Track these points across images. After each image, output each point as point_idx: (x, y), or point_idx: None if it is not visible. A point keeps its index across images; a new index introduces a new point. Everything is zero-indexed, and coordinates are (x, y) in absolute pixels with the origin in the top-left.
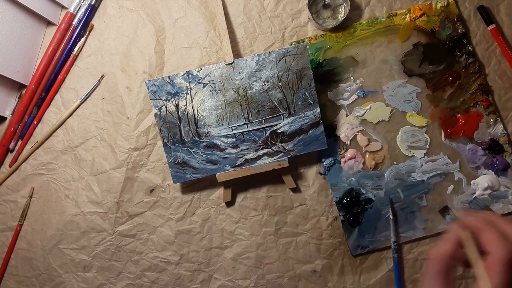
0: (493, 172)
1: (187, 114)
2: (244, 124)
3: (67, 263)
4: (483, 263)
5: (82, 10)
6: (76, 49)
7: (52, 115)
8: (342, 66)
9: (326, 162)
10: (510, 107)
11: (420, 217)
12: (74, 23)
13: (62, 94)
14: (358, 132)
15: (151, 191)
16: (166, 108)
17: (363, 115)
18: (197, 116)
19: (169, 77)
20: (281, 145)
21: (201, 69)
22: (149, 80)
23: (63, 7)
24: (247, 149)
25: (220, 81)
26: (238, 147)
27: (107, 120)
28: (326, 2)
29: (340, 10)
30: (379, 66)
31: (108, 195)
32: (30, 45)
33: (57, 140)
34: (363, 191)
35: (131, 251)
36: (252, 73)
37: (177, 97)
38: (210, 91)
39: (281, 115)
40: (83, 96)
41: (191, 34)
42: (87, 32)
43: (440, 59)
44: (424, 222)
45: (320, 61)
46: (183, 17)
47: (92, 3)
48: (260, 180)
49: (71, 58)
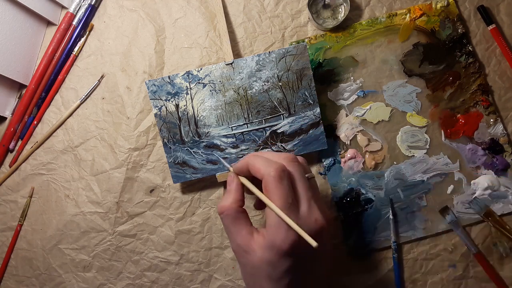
0: (493, 172)
1: (187, 114)
2: (244, 124)
3: (67, 263)
4: (262, 192)
5: (82, 10)
6: (76, 49)
7: (52, 115)
8: (342, 66)
9: (326, 162)
10: (510, 107)
11: (420, 217)
12: (74, 23)
13: (62, 94)
14: (358, 132)
15: (151, 191)
16: (166, 108)
17: (363, 115)
18: (197, 116)
19: (169, 77)
20: (281, 145)
21: (201, 69)
22: (149, 80)
23: (63, 7)
24: (247, 149)
25: (220, 81)
26: (238, 147)
27: (107, 120)
28: (326, 2)
29: (340, 10)
30: (379, 66)
31: (108, 195)
32: (30, 45)
33: (57, 140)
34: (363, 191)
35: (131, 251)
36: (252, 73)
37: (177, 97)
38: (210, 91)
39: (281, 115)
40: (83, 96)
41: (191, 34)
42: (87, 32)
43: (440, 59)
44: (424, 222)
45: (320, 61)
46: (183, 17)
47: (92, 3)
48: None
49: (71, 58)
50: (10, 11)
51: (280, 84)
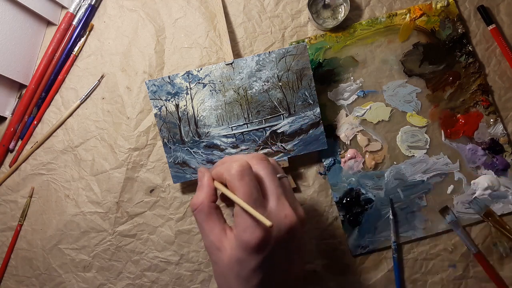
0: (493, 172)
1: (187, 114)
2: (244, 124)
3: (67, 263)
4: (230, 191)
5: (82, 10)
6: (76, 49)
7: (52, 115)
8: (342, 66)
9: (326, 162)
10: (510, 107)
11: (420, 217)
12: (74, 23)
13: (62, 94)
14: (358, 132)
15: (151, 191)
16: (166, 108)
17: (363, 115)
18: (197, 116)
19: (169, 77)
20: (281, 145)
21: (201, 69)
22: (149, 80)
23: (63, 7)
24: (247, 149)
25: (220, 81)
26: (238, 147)
27: (107, 120)
28: (326, 2)
29: (340, 10)
30: (379, 66)
31: (108, 195)
32: (30, 45)
33: (57, 140)
34: (363, 191)
35: (131, 251)
36: (252, 73)
37: (177, 97)
38: (210, 91)
39: (281, 115)
40: (83, 96)
41: (191, 34)
42: (87, 32)
43: (440, 59)
44: (424, 222)
45: (320, 61)
46: (183, 17)
47: (92, 3)
48: None
49: (71, 58)
50: (10, 11)
51: (280, 84)
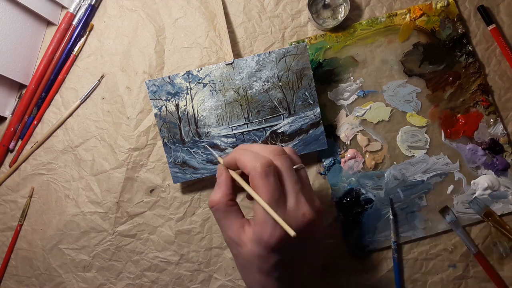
0: (493, 172)
1: (187, 114)
2: (244, 124)
3: (67, 263)
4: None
5: (82, 10)
6: (76, 49)
7: (52, 115)
8: (342, 66)
9: (326, 162)
10: (510, 107)
11: (420, 217)
12: (74, 23)
13: (62, 94)
14: (358, 132)
15: (151, 191)
16: (166, 108)
17: (363, 115)
18: (197, 116)
19: (169, 77)
20: (281, 145)
21: (201, 69)
22: (149, 80)
23: (63, 7)
24: None
25: (220, 81)
26: None
27: (107, 120)
28: (326, 2)
29: (340, 10)
30: (379, 66)
31: (108, 195)
32: (30, 45)
33: (57, 140)
34: (363, 191)
35: (131, 251)
36: (252, 73)
37: (177, 97)
38: (210, 91)
39: (281, 115)
40: (83, 96)
41: (191, 34)
42: (87, 32)
43: (440, 59)
44: (424, 222)
45: (320, 61)
46: (183, 17)
47: (92, 3)
48: None
49: (71, 58)
50: (10, 11)
51: (280, 84)
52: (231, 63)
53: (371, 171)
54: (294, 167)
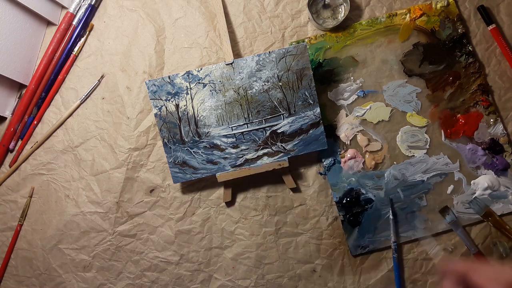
0: (493, 172)
1: (187, 114)
2: (244, 124)
3: (67, 263)
4: None
5: (82, 10)
6: (76, 49)
7: (52, 115)
8: (342, 66)
9: (326, 162)
10: (510, 107)
11: (420, 217)
12: (74, 23)
13: (62, 94)
14: (358, 132)
15: (151, 191)
16: (166, 108)
17: (363, 115)
18: (197, 116)
19: (169, 77)
20: (281, 145)
21: (201, 69)
22: (149, 80)
23: (63, 7)
24: (247, 149)
25: (220, 81)
26: (238, 147)
27: (107, 120)
28: (326, 2)
29: (340, 10)
30: (379, 66)
31: (108, 195)
32: (30, 45)
33: (57, 140)
34: (363, 191)
35: (131, 251)
36: (252, 73)
37: (177, 97)
38: (210, 91)
39: (281, 115)
40: (83, 96)
41: (191, 34)
42: (87, 32)
43: (440, 59)
44: (424, 222)
45: (320, 61)
46: (183, 17)
47: (92, 3)
48: (260, 180)
49: (71, 58)
50: (10, 11)
51: (280, 84)
52: (231, 63)
53: (371, 171)
54: None
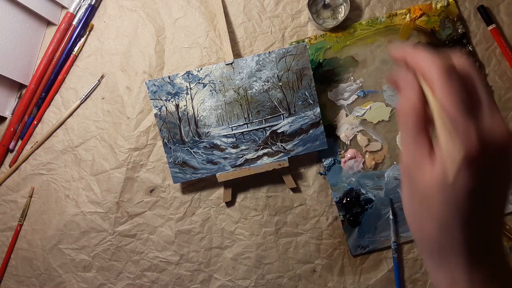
0: None
1: (187, 114)
2: (244, 124)
3: (67, 263)
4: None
5: (82, 10)
6: (76, 49)
7: (52, 115)
8: (342, 66)
9: (326, 162)
10: (510, 107)
11: None
12: (74, 23)
13: (62, 94)
14: (358, 132)
15: (151, 191)
16: (166, 108)
17: (363, 115)
18: (197, 116)
19: (169, 77)
20: (281, 145)
21: (201, 69)
22: (149, 80)
23: (63, 7)
24: (247, 149)
25: (220, 81)
26: (238, 147)
27: (107, 120)
28: (326, 2)
29: (340, 10)
30: (379, 66)
31: (108, 195)
32: (30, 45)
33: (57, 140)
34: (363, 191)
35: (131, 251)
36: (252, 73)
37: (177, 97)
38: (210, 91)
39: (281, 115)
40: (83, 96)
41: (191, 34)
42: (87, 32)
43: None
44: None
45: (320, 61)
46: (183, 17)
47: (92, 3)
48: (260, 180)
49: (71, 58)
50: (10, 11)
51: (280, 84)
52: (231, 63)
53: (371, 171)
54: None
